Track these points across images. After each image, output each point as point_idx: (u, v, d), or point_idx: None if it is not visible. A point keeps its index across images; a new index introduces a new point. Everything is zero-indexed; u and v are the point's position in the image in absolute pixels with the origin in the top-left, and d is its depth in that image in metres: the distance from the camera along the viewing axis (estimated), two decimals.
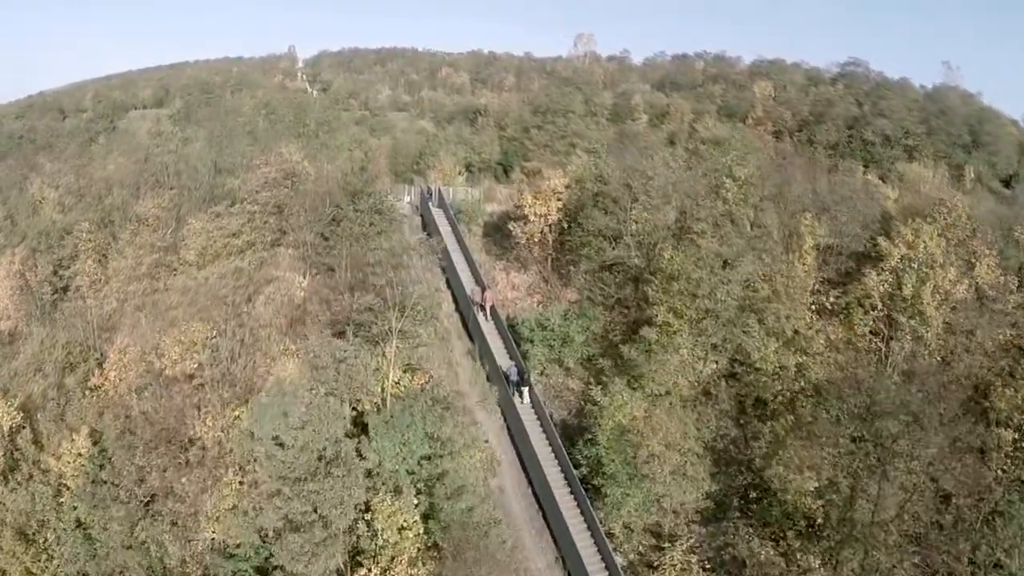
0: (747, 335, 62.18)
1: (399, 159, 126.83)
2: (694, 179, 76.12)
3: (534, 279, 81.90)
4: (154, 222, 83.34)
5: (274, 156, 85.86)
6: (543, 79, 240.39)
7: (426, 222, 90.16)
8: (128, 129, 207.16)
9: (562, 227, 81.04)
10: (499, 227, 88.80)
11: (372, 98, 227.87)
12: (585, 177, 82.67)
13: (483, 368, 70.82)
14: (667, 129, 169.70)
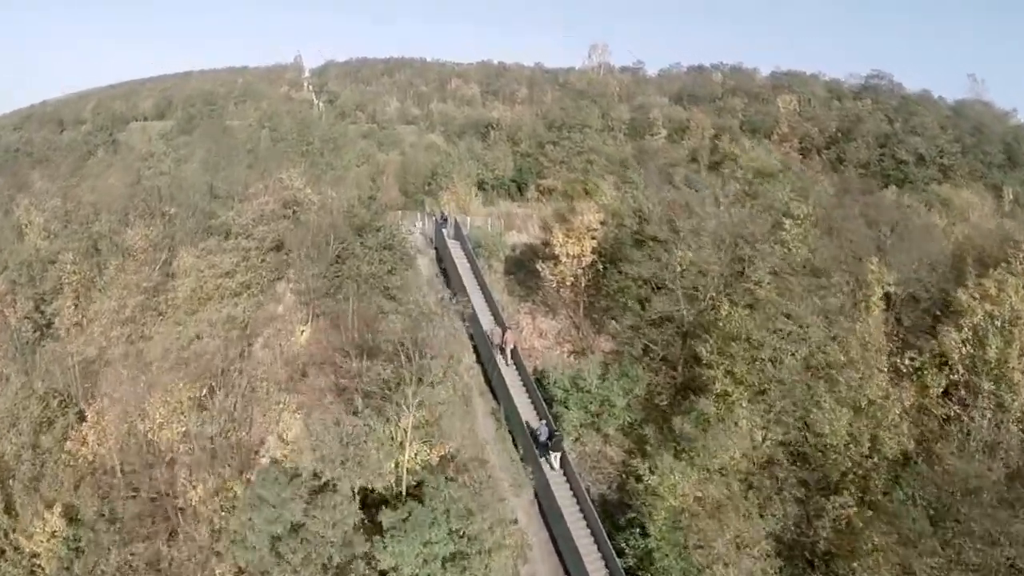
0: (816, 406, 53.44)
1: (409, 178, 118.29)
2: (749, 218, 66.67)
3: (564, 325, 72.84)
4: (142, 255, 75.07)
5: (273, 182, 77.40)
6: (556, 91, 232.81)
7: (441, 256, 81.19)
8: (127, 142, 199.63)
9: (597, 268, 71.93)
10: (522, 263, 79.92)
11: (380, 110, 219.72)
12: (622, 212, 73.13)
13: (509, 435, 62.24)
14: (687, 145, 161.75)
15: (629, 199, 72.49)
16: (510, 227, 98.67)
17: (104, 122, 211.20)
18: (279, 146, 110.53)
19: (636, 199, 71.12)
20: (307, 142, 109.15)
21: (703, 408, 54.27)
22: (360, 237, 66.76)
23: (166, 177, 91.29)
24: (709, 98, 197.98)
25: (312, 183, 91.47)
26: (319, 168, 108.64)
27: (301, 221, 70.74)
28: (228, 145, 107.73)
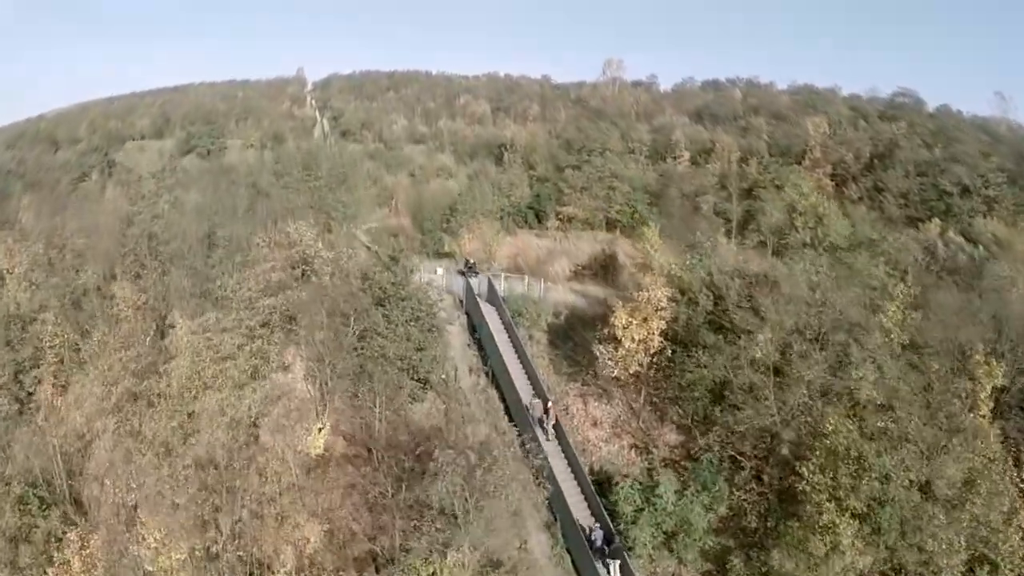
0: (932, 538, 43.66)
1: (424, 212, 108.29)
2: (841, 296, 56.11)
3: (621, 411, 62.70)
4: (129, 323, 65.30)
5: (280, 234, 67.44)
6: (569, 107, 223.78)
7: (473, 320, 70.94)
8: (123, 163, 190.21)
9: (663, 351, 60.80)
10: (568, 332, 69.42)
11: (386, 128, 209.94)
12: (693, 285, 60.93)
13: (567, 553, 52.55)
14: (713, 169, 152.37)
15: (698, 268, 60.70)
16: (537, 268, 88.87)
17: (99, 142, 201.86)
18: (283, 181, 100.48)
19: (707, 267, 59.77)
20: (315, 177, 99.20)
21: (805, 540, 44.21)
22: (383, 307, 56.92)
23: (159, 221, 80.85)
24: (731, 117, 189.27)
25: (322, 230, 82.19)
26: (328, 205, 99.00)
27: (313, 286, 60.76)
28: (227, 182, 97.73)
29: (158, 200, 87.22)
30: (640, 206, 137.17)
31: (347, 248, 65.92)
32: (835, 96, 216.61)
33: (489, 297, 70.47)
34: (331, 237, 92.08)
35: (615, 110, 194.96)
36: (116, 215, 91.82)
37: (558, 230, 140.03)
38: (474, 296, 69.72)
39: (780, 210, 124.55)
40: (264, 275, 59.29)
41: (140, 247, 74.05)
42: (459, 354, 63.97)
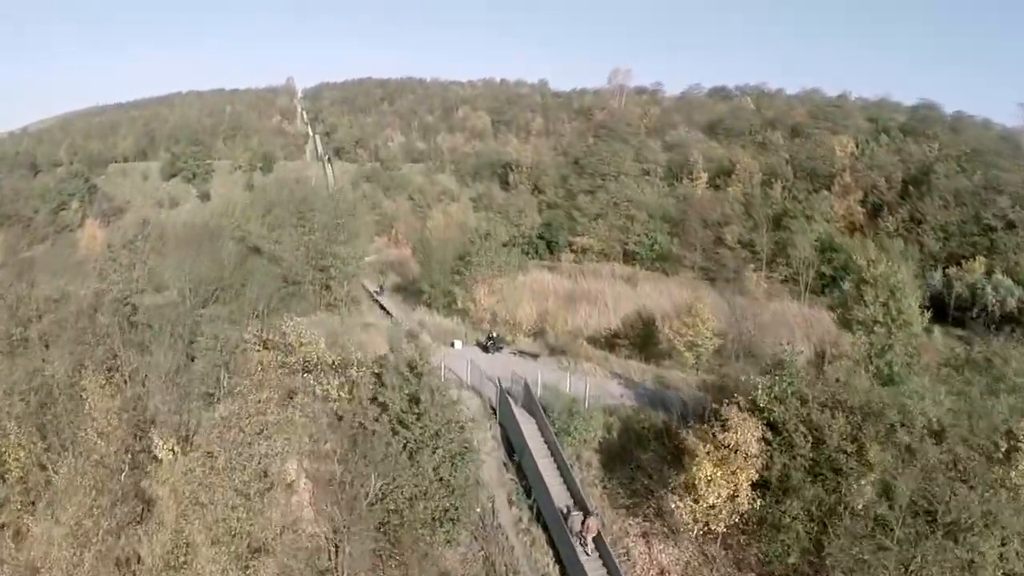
0: None
1: (434, 255, 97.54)
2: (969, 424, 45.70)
3: (691, 556, 52.55)
4: (104, 445, 54.95)
5: (274, 332, 56.62)
6: (573, 119, 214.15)
7: (509, 435, 59.31)
8: (104, 190, 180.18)
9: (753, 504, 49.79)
10: (622, 450, 58.91)
11: (382, 146, 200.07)
12: (788, 423, 48.26)
13: None
14: (734, 192, 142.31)
15: (785, 386, 48.97)
16: (562, 331, 78.58)
17: (79, 167, 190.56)
18: (275, 235, 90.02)
19: (799, 391, 48.66)
20: (309, 229, 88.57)
21: None
22: (405, 441, 46.44)
23: (133, 300, 70.44)
24: (747, 131, 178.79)
25: (324, 317, 72.43)
26: (325, 260, 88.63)
27: (315, 420, 50.30)
28: (211, 241, 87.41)
29: (131, 273, 76.35)
30: (660, 236, 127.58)
31: (355, 352, 54.40)
32: (847, 102, 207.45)
33: (525, 402, 59.44)
34: (335, 321, 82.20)
35: (623, 123, 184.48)
36: (90, 279, 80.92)
37: (573, 263, 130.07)
38: (509, 404, 58.64)
39: (810, 242, 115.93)
40: (256, 408, 48.46)
41: (112, 335, 63.42)
42: (494, 478, 53.22)
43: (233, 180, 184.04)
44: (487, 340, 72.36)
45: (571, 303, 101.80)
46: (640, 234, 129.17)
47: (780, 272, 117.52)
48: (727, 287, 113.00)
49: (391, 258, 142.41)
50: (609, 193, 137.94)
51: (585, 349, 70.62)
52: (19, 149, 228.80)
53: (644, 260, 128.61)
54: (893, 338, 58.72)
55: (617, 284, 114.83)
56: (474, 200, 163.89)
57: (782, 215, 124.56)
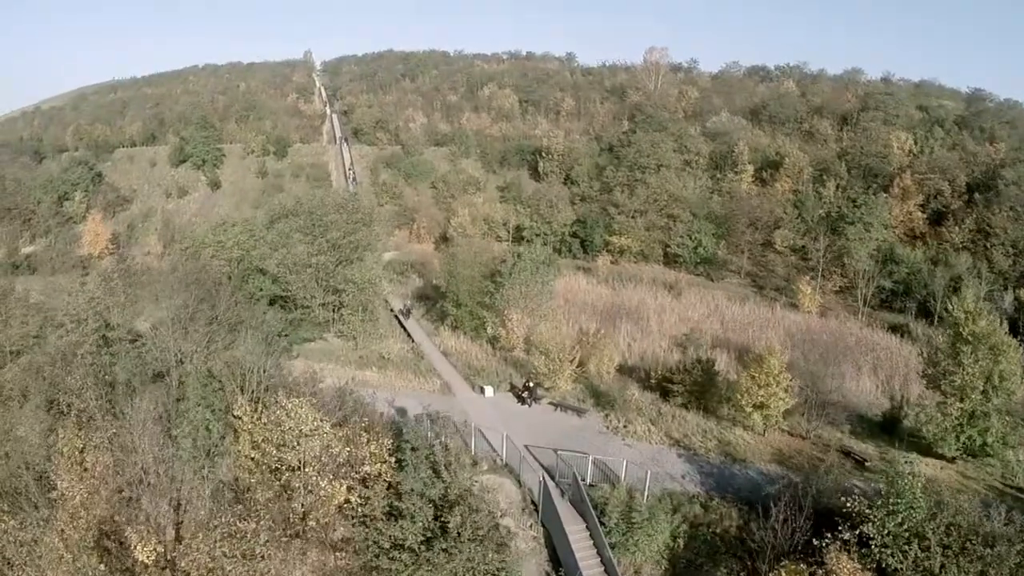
0: None
1: (460, 269, 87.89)
2: None
3: None
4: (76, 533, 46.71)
5: (274, 408, 47.41)
6: (605, 99, 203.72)
7: (552, 534, 49.15)
8: (110, 180, 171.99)
9: None
10: (689, 570, 48.53)
11: (403, 127, 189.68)
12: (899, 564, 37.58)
13: None
14: (782, 188, 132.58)
15: (913, 549, 37.49)
16: (603, 367, 69.45)
17: (84, 155, 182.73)
18: (279, 256, 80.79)
19: (916, 525, 37.98)
20: (319, 249, 79.55)
21: None
22: None
23: (110, 354, 61.93)
24: (792, 118, 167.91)
25: (335, 346, 63.82)
26: (338, 285, 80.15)
27: None
28: (200, 278, 78.49)
29: (109, 311, 67.49)
30: (705, 238, 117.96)
31: (368, 443, 44.93)
32: (894, 87, 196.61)
33: (574, 496, 49.52)
34: (346, 350, 73.83)
35: (661, 107, 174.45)
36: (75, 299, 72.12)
37: (611, 264, 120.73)
38: (553, 499, 48.98)
39: (869, 251, 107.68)
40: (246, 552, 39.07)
41: (86, 389, 55.06)
42: None
43: (245, 166, 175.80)
44: (523, 389, 63.64)
45: (610, 319, 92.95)
46: (683, 235, 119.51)
47: (835, 282, 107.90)
48: (777, 298, 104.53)
49: (412, 254, 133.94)
50: (649, 188, 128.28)
51: (636, 400, 61.75)
52: (24, 133, 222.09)
53: (687, 263, 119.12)
54: (990, 406, 50.11)
55: (659, 293, 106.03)
56: (501, 190, 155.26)
57: (838, 219, 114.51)
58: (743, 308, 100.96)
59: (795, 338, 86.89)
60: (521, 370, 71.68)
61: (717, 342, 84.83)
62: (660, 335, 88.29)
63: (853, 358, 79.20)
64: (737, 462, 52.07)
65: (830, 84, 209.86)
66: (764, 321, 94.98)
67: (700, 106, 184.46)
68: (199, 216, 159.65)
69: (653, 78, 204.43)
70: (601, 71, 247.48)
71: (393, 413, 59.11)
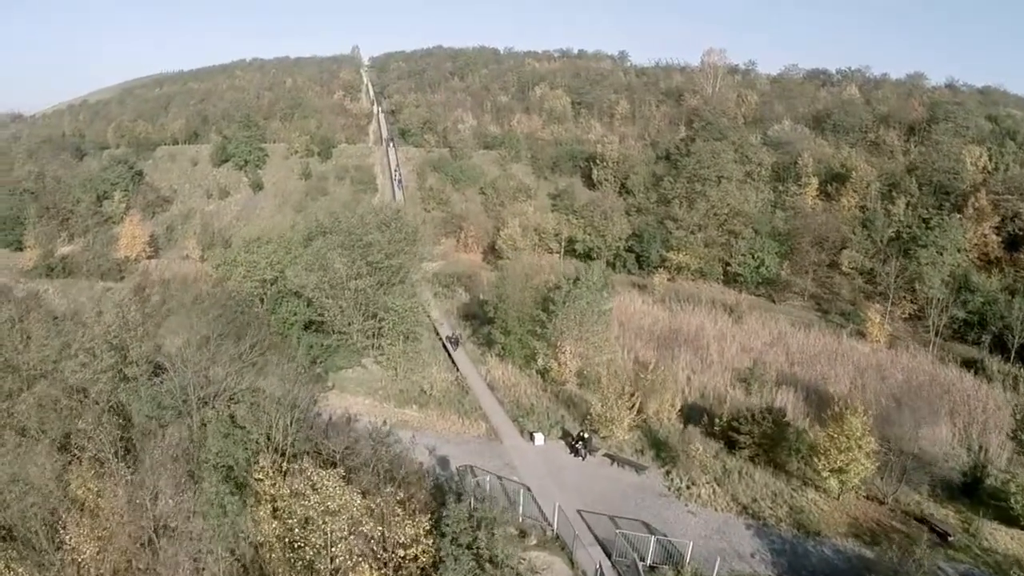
0: None
1: (510, 293, 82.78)
2: None
3: None
4: None
5: (298, 478, 43.19)
6: (661, 102, 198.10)
7: None
8: (151, 180, 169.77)
9: None
10: None
11: (451, 128, 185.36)
12: None
13: None
14: (848, 204, 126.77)
15: None
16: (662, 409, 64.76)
17: (125, 153, 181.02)
18: (315, 279, 76.68)
19: None
20: (358, 273, 75.29)
21: None
22: None
23: (123, 393, 58.22)
24: (857, 127, 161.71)
25: (373, 374, 60.05)
26: (380, 309, 76.40)
27: None
28: (225, 304, 74.92)
29: (126, 345, 63.56)
30: (768, 257, 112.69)
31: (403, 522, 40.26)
32: (960, 95, 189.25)
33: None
34: (385, 380, 70.05)
35: (720, 112, 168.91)
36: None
37: (670, 281, 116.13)
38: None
39: (942, 277, 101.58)
40: None
41: (100, 432, 51.60)
42: None
43: (288, 167, 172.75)
44: (576, 439, 59.22)
45: (668, 346, 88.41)
46: (745, 253, 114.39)
47: (904, 308, 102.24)
48: (843, 325, 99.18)
49: (459, 265, 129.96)
50: (709, 201, 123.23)
51: (699, 455, 57.08)
52: (68, 128, 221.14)
53: (748, 283, 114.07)
54: None
55: (719, 317, 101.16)
56: (553, 198, 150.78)
57: (909, 241, 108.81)
58: (808, 336, 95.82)
59: (865, 375, 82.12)
60: (574, 410, 67.48)
61: (782, 377, 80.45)
62: (721, 366, 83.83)
63: (928, 400, 74.16)
64: (811, 536, 47.75)
65: (893, 90, 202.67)
66: (831, 353, 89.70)
67: (760, 112, 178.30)
68: (240, 219, 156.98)
69: (711, 81, 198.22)
70: (656, 72, 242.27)
71: (434, 463, 55.20)
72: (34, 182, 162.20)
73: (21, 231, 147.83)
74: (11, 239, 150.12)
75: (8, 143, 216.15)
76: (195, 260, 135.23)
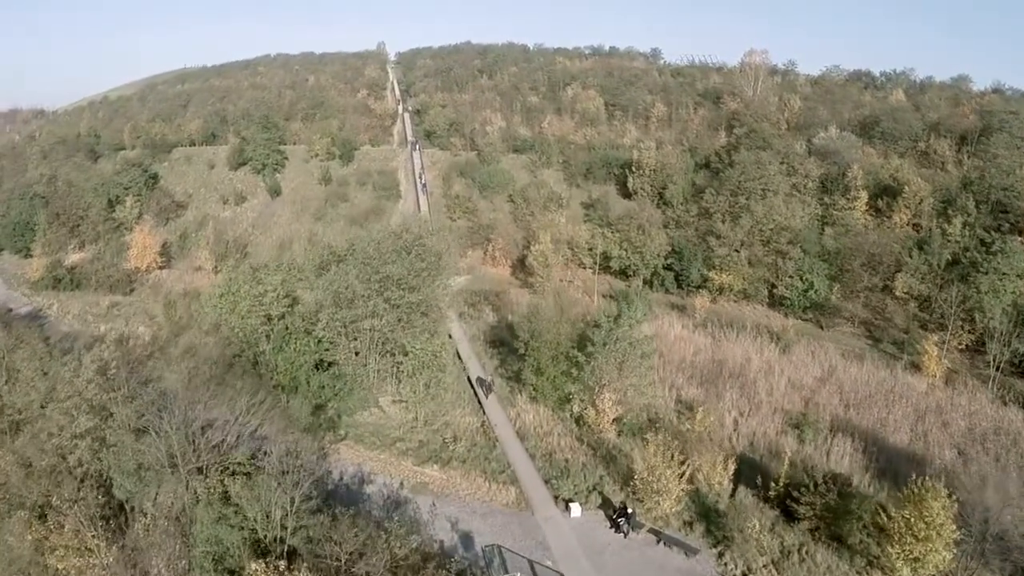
0: None
1: (543, 324, 76.10)
2: None
3: None
4: None
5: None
6: (698, 104, 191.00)
7: None
8: (164, 185, 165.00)
9: None
10: None
11: (479, 130, 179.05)
12: None
13: None
14: (900, 221, 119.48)
15: None
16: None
17: (140, 155, 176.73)
18: (328, 314, 70.65)
19: None
20: (374, 310, 68.81)
21: None
22: None
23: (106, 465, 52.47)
24: (906, 135, 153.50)
25: (390, 416, 54.68)
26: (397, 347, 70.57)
27: None
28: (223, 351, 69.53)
29: (107, 404, 57.26)
30: (817, 280, 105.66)
31: None
32: (1009, 101, 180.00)
33: None
34: (407, 422, 64.48)
35: (763, 118, 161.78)
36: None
37: (712, 302, 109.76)
38: None
39: (1003, 306, 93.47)
40: None
41: (79, 507, 46.32)
42: None
43: (308, 171, 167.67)
44: (618, 513, 52.97)
45: (712, 382, 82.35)
46: (793, 275, 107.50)
47: (961, 338, 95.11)
48: (896, 356, 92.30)
49: (486, 280, 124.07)
50: (754, 217, 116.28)
51: (755, 532, 50.78)
52: (84, 127, 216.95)
53: (794, 308, 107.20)
54: None
55: (764, 346, 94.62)
56: (586, 207, 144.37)
57: (969, 266, 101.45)
58: (861, 370, 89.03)
59: (925, 420, 75.69)
60: (613, 468, 61.28)
61: (837, 422, 74.20)
62: (770, 407, 77.49)
63: (994, 452, 67.85)
64: None
65: (938, 94, 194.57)
66: (887, 392, 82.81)
67: (804, 117, 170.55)
68: (256, 227, 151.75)
69: (752, 83, 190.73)
70: (692, 71, 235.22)
71: (456, 541, 49.46)
72: (46, 186, 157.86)
73: (32, 237, 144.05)
74: (21, 245, 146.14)
75: (25, 142, 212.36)
76: (208, 272, 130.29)
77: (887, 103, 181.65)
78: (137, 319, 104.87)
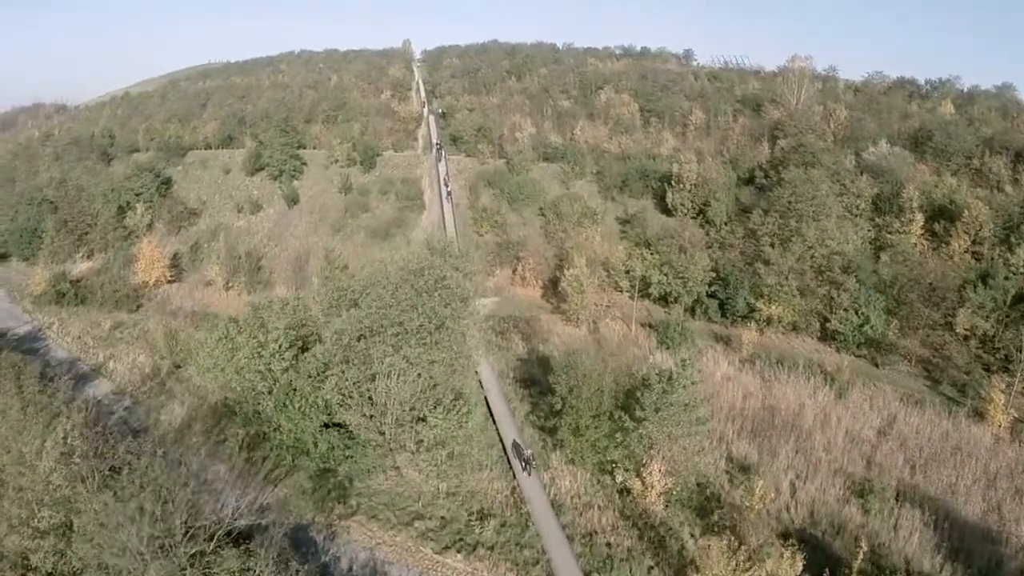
0: None
1: (583, 379, 68.69)
2: None
3: None
4: None
5: None
6: (738, 111, 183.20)
7: None
8: (177, 192, 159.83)
9: None
10: None
11: (508, 136, 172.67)
12: None
13: None
14: (959, 249, 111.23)
15: None
16: None
17: (153, 158, 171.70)
18: (339, 371, 63.26)
19: None
20: (388, 372, 60.80)
21: None
22: None
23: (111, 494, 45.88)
24: (961, 151, 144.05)
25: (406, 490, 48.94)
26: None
27: None
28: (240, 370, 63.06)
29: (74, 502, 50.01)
30: (874, 314, 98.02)
31: None
32: None
33: None
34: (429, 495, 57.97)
35: (809, 129, 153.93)
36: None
37: (761, 335, 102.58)
38: None
39: None
40: None
41: None
42: None
43: (327, 178, 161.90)
44: None
45: (764, 433, 75.61)
46: (848, 308, 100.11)
47: None
48: (959, 401, 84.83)
49: (516, 303, 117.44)
50: (806, 242, 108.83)
51: None
52: (98, 128, 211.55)
53: (848, 343, 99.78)
54: None
55: (818, 389, 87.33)
56: (622, 223, 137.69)
57: None
58: (923, 419, 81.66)
59: (997, 485, 68.62)
60: (663, 554, 54.52)
61: (903, 487, 67.25)
62: (829, 468, 70.45)
63: None
64: None
65: (985, 103, 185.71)
66: (953, 447, 75.68)
67: (852, 130, 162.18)
68: (271, 238, 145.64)
69: (795, 91, 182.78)
70: (729, 75, 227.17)
71: None
72: (55, 190, 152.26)
73: (39, 244, 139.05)
74: (28, 253, 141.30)
75: (41, 141, 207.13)
76: (218, 287, 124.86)
77: (936, 114, 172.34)
78: (138, 345, 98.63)
